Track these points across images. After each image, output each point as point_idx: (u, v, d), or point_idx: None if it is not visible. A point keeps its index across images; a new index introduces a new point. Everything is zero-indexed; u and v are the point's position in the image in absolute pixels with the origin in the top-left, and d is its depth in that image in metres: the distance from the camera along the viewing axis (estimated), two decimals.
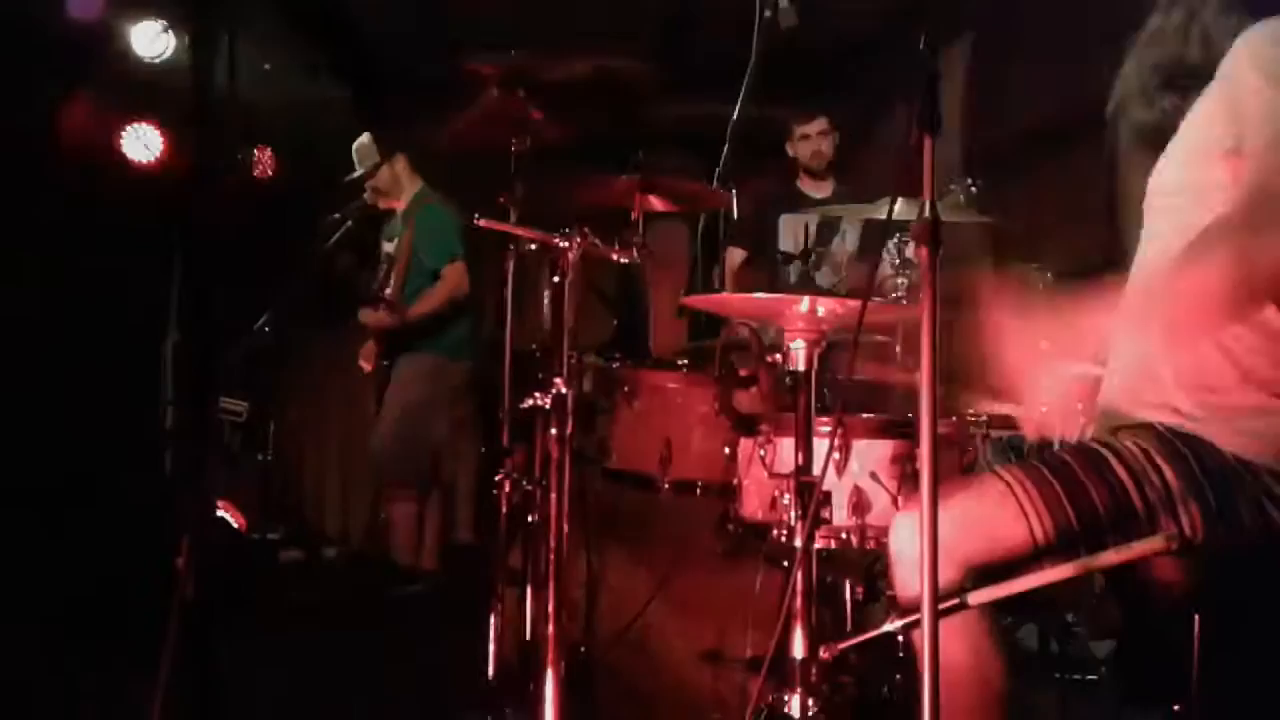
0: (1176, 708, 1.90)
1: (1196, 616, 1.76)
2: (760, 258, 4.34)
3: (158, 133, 5.13)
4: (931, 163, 1.52)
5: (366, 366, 4.96)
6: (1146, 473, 1.67)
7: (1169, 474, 1.66)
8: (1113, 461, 1.69)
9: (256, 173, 5.39)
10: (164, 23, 4.90)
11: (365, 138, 4.78)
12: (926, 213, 1.49)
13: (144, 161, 5.14)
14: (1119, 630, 2.89)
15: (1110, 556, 1.66)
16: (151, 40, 4.92)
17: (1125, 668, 2.77)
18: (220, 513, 4.99)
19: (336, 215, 4.87)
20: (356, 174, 4.77)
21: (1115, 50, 1.94)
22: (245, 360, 5.25)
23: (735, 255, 4.45)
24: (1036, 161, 4.93)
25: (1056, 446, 2.09)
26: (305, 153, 4.72)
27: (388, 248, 4.89)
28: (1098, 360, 1.93)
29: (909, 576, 1.69)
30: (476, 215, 2.03)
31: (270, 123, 5.32)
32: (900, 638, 2.34)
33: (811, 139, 4.43)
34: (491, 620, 2.58)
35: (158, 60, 4.90)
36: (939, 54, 1.58)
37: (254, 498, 5.41)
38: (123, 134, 5.12)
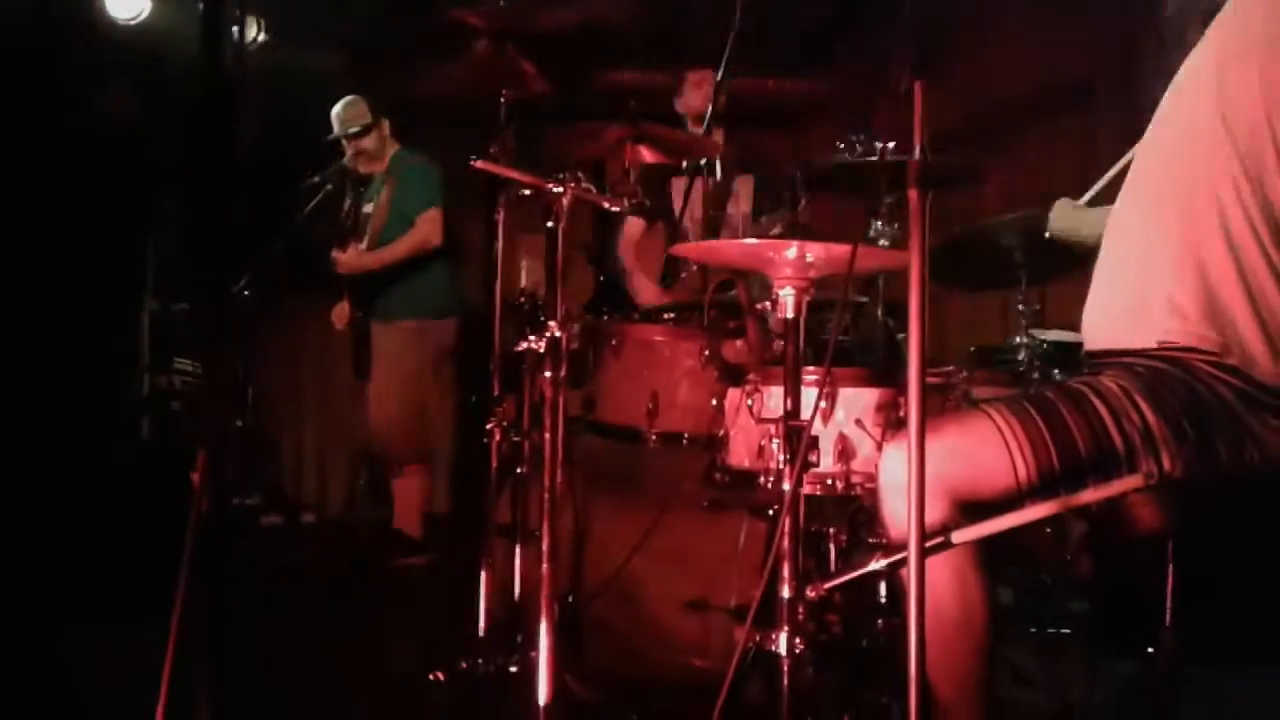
0: (1150, 650, 1.96)
1: (1170, 552, 1.83)
2: (657, 225, 4.18)
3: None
4: (924, 109, 1.55)
5: (339, 324, 4.93)
6: (1127, 411, 1.72)
7: (1148, 412, 1.71)
8: (1094, 400, 1.74)
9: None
10: None
11: (352, 98, 4.73)
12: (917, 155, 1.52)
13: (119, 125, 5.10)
14: (1092, 588, 2.96)
15: (1089, 494, 1.72)
16: (126, 1, 4.87)
17: (1099, 619, 2.84)
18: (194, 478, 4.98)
19: (315, 179, 4.86)
20: (345, 132, 4.73)
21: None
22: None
23: (635, 225, 4.27)
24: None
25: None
26: (285, 114, 4.67)
27: (367, 209, 4.86)
28: None
29: (897, 506, 1.73)
30: (473, 157, 2.04)
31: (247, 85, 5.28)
32: (884, 583, 2.41)
33: (704, 87, 4.04)
34: (483, 576, 2.60)
35: (133, 22, 4.86)
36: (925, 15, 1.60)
37: (232, 463, 5.41)
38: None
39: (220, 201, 1.13)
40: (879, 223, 3.21)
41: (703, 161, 3.92)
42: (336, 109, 4.75)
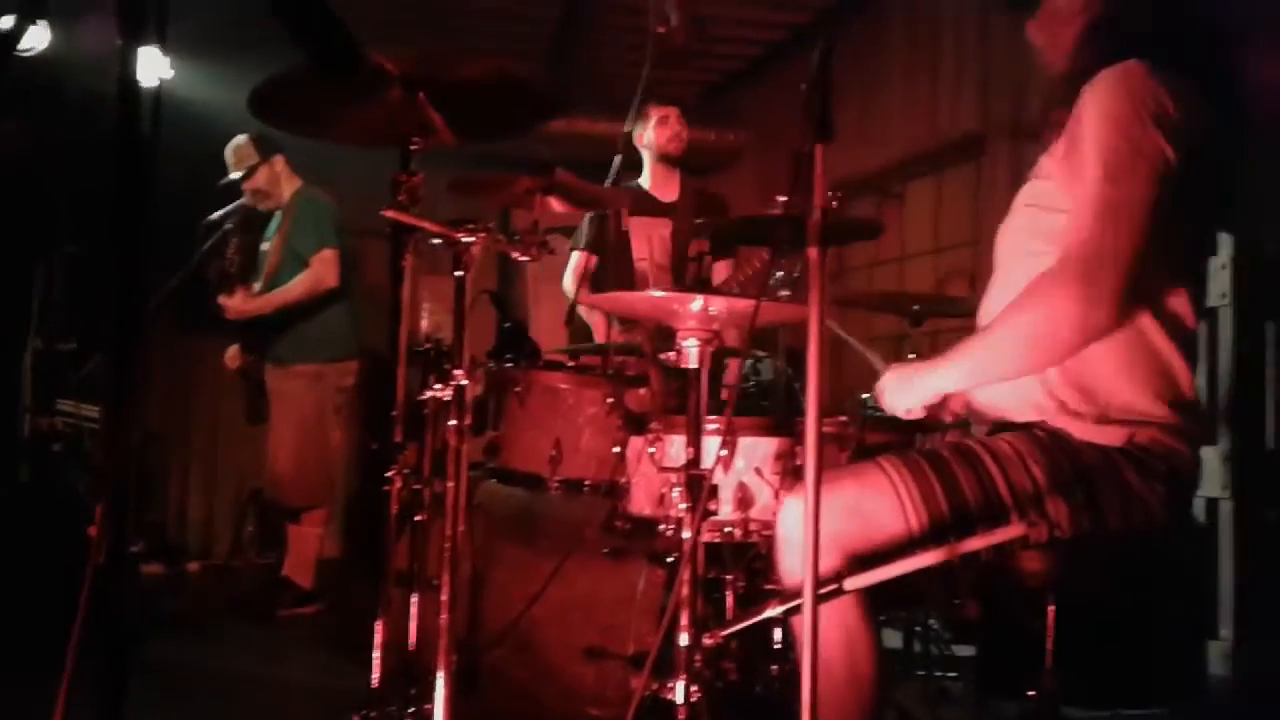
0: (1031, 693, 2.04)
1: (1052, 605, 1.91)
2: (608, 264, 4.17)
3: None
4: (823, 169, 1.62)
5: (231, 365, 4.85)
6: (1017, 470, 1.79)
7: (1038, 472, 1.78)
8: (986, 459, 1.81)
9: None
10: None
11: (241, 139, 4.67)
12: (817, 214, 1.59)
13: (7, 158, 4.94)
14: (978, 633, 3.05)
15: (976, 542, 1.78)
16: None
17: (985, 663, 2.93)
18: (91, 532, 4.82)
19: (214, 218, 4.78)
20: (234, 177, 4.69)
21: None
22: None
23: (582, 259, 4.24)
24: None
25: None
26: (195, 152, 4.60)
27: (265, 247, 4.79)
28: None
29: (793, 560, 1.78)
30: (385, 206, 2.05)
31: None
32: (779, 630, 2.45)
33: (670, 122, 4.21)
34: (378, 625, 2.57)
35: (29, 54, 4.74)
36: (830, 60, 1.68)
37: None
38: None
39: (132, 244, 1.13)
40: (779, 272, 3.32)
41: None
42: (227, 150, 4.70)
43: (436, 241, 2.07)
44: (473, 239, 2.03)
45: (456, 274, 2.06)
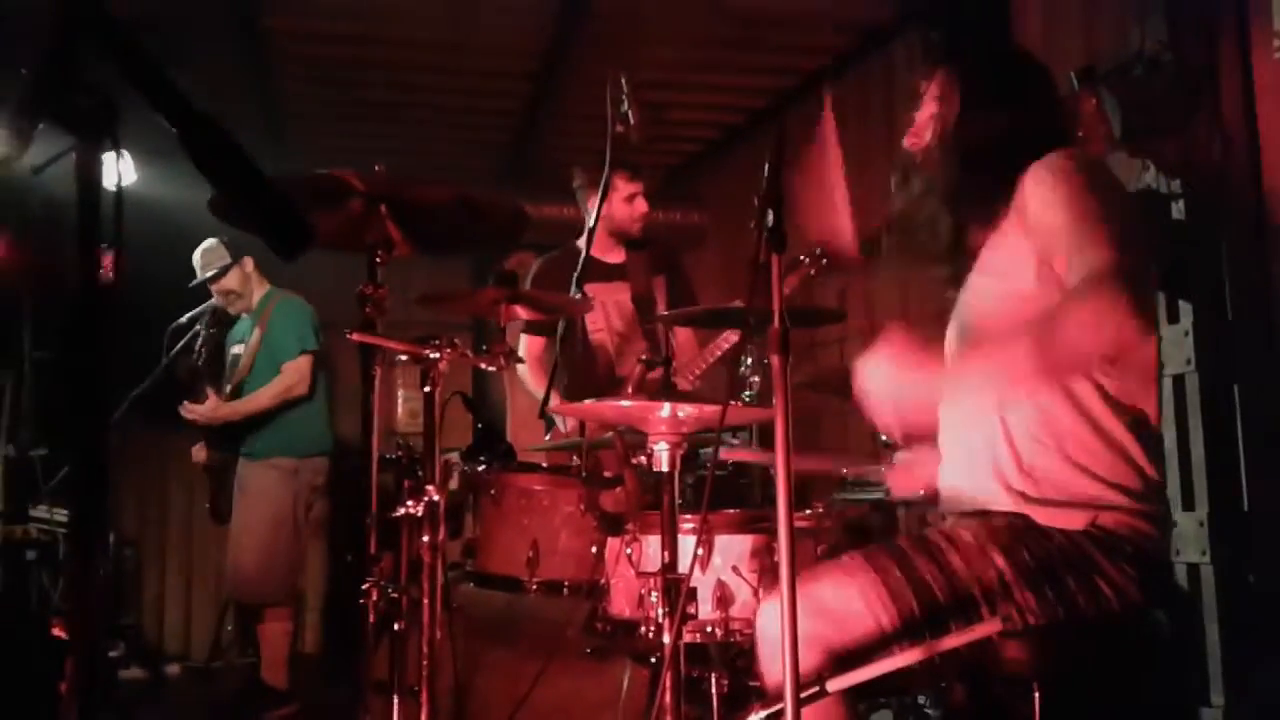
0: None
1: (1037, 690, 1.90)
2: (576, 370, 3.90)
3: None
4: (780, 279, 1.65)
5: (197, 460, 4.84)
6: (981, 563, 1.80)
7: (1002, 564, 1.79)
8: (948, 552, 1.82)
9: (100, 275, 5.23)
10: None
11: (210, 242, 4.69)
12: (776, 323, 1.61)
13: None
14: (965, 714, 3.04)
15: (951, 640, 1.78)
16: None
17: None
18: (54, 631, 4.74)
19: (182, 321, 4.79)
20: (204, 277, 4.70)
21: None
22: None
23: (535, 343, 4.04)
24: None
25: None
26: (152, 255, 4.61)
27: (235, 350, 4.80)
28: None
29: (773, 660, 1.77)
30: (348, 331, 2.06)
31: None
32: None
33: (637, 202, 4.02)
34: None
35: None
36: (780, 175, 1.72)
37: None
38: None
39: (96, 351, 1.12)
40: (749, 359, 3.33)
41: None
42: (196, 252, 4.71)
43: (403, 358, 2.08)
44: (438, 355, 2.04)
45: (425, 390, 2.06)
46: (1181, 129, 3.11)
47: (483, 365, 2.15)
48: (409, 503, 2.11)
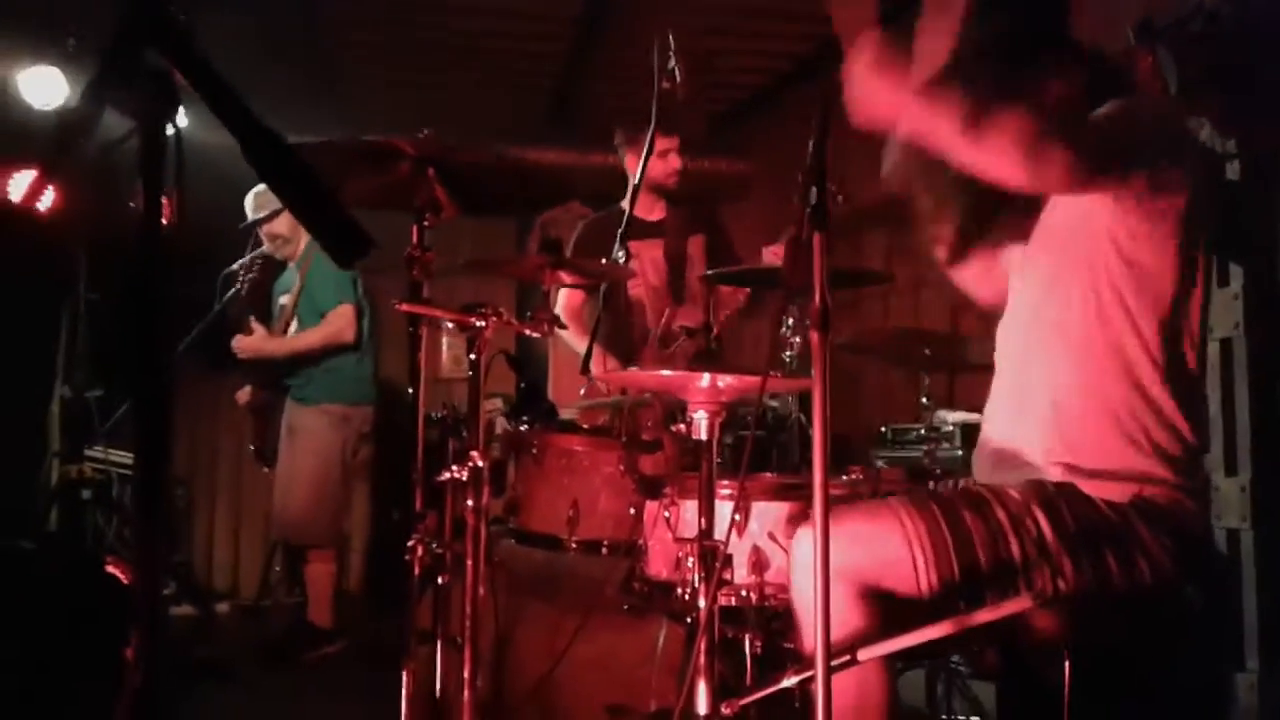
0: None
1: (1067, 658, 1.93)
2: (597, 293, 3.73)
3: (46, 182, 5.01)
4: (823, 259, 1.66)
5: (240, 401, 4.95)
6: (1024, 521, 1.81)
7: (1044, 525, 1.80)
8: (995, 507, 1.83)
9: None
10: (57, 69, 4.84)
11: (262, 186, 4.75)
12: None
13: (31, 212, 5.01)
14: (997, 677, 3.07)
15: (984, 614, 1.80)
16: (42, 87, 4.84)
17: (1005, 707, 2.94)
18: (108, 569, 4.88)
19: (234, 268, 4.86)
20: (254, 219, 4.75)
21: None
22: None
23: (574, 296, 4.04)
24: None
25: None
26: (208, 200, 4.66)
27: (283, 300, 4.87)
28: None
29: (806, 584, 1.76)
30: (396, 301, 2.10)
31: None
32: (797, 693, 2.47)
33: (670, 157, 4.01)
34: (404, 679, 2.60)
35: (49, 108, 4.82)
36: (825, 148, 1.71)
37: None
38: (9, 184, 5.00)
39: (156, 297, 1.15)
40: (790, 319, 3.34)
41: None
42: (249, 195, 4.77)
43: (450, 325, 2.11)
44: (484, 324, 2.07)
45: (470, 356, 2.10)
46: (1239, 86, 3.05)
47: (528, 331, 2.18)
48: (454, 467, 2.15)
